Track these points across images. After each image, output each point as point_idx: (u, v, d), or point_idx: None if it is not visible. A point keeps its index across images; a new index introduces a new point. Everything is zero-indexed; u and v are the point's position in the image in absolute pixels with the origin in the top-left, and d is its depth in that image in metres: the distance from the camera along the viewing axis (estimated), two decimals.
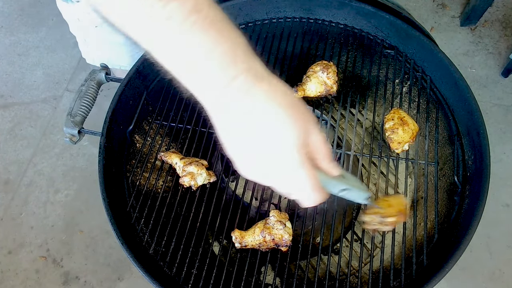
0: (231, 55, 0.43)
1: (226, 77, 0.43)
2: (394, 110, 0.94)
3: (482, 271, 1.53)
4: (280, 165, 0.47)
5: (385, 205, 0.80)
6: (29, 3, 2.32)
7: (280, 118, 0.45)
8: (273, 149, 0.46)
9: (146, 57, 0.98)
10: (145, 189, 0.90)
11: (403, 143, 0.90)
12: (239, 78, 0.43)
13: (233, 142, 0.47)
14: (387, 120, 0.93)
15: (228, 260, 0.81)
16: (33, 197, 1.76)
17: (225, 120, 0.46)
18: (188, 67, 0.43)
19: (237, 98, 0.44)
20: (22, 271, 1.62)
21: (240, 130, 0.46)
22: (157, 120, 0.99)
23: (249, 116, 0.45)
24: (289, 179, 0.49)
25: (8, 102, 2.02)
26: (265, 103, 0.45)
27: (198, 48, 0.42)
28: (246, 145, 0.47)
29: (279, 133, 0.46)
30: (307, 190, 0.51)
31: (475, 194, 0.84)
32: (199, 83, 0.44)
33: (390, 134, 0.91)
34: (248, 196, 0.91)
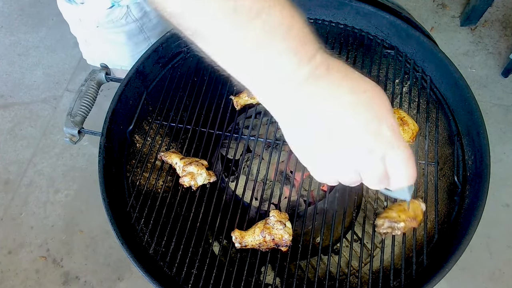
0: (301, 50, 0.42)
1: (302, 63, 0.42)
2: (394, 109, 0.94)
3: (482, 271, 1.53)
4: (383, 138, 0.45)
5: (398, 210, 0.81)
6: (29, 3, 2.32)
7: (370, 88, 0.45)
8: (375, 120, 0.44)
9: (146, 57, 0.99)
10: (145, 189, 0.90)
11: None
12: (313, 68, 0.42)
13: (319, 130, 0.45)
14: None
15: (228, 260, 0.81)
16: (33, 197, 1.76)
17: (309, 110, 0.44)
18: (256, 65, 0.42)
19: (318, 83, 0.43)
20: (22, 271, 1.62)
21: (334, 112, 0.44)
22: (157, 120, 0.99)
23: (335, 94, 0.43)
24: (391, 146, 0.45)
25: (8, 102, 2.02)
26: (347, 81, 0.44)
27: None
28: (338, 127, 0.44)
29: (376, 95, 0.45)
30: (411, 158, 0.47)
31: (475, 194, 0.84)
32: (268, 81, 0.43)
33: None
34: (248, 196, 0.91)
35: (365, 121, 0.44)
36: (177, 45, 1.04)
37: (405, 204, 0.82)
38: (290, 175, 1.04)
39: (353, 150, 0.45)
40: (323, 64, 0.43)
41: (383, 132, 0.45)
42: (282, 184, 0.91)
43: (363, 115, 0.44)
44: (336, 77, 0.44)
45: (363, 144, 0.45)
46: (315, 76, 0.42)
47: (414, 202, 0.83)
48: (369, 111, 0.44)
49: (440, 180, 0.99)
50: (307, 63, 0.42)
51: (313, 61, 0.42)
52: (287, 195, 1.01)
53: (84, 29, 1.10)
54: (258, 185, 1.03)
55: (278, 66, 0.42)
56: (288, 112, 0.45)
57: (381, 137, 0.45)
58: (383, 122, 0.45)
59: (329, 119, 0.44)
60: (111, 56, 1.15)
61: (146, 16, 1.09)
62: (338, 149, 0.46)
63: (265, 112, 1.09)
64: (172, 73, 1.05)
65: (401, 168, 0.47)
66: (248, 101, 0.96)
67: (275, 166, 0.93)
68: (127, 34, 1.09)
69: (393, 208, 0.82)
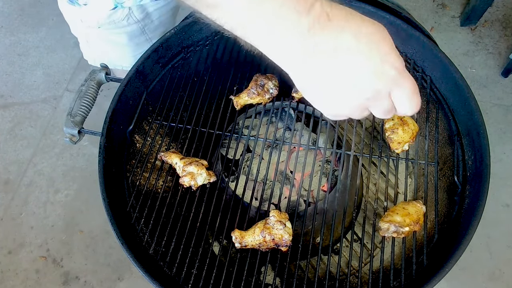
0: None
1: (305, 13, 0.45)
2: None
3: (482, 271, 1.53)
4: (387, 68, 0.48)
5: (403, 214, 0.81)
6: (29, 3, 2.32)
7: (372, 29, 0.48)
8: (377, 52, 0.47)
9: (146, 57, 0.99)
10: (145, 189, 0.90)
11: (403, 143, 0.90)
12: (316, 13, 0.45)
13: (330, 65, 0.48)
14: (387, 120, 0.93)
15: (228, 260, 0.81)
16: (33, 197, 1.76)
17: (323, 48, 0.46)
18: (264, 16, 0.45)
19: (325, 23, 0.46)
20: (22, 271, 1.62)
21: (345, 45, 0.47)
22: (157, 120, 0.99)
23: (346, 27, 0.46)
24: (395, 84, 0.49)
25: (8, 102, 2.02)
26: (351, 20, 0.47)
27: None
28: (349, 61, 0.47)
29: (378, 35, 0.48)
30: (415, 91, 0.51)
31: (475, 194, 0.84)
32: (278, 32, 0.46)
33: (390, 134, 0.91)
34: (248, 196, 0.91)
35: (369, 63, 0.47)
36: (177, 45, 1.04)
37: (408, 207, 0.83)
38: (290, 175, 1.04)
39: (361, 91, 0.49)
40: (323, 13, 0.45)
41: (387, 72, 0.48)
42: (282, 184, 0.91)
43: (367, 57, 0.47)
44: (338, 24, 0.46)
45: (369, 85, 0.48)
46: (318, 25, 0.45)
47: (415, 205, 0.84)
48: (373, 52, 0.47)
49: (440, 180, 0.99)
50: (307, 14, 0.44)
51: (312, 11, 0.45)
52: (287, 195, 1.01)
53: (85, 29, 1.10)
54: (258, 185, 1.03)
55: (281, 19, 0.45)
56: (298, 62, 0.49)
57: (385, 77, 0.48)
58: (387, 61, 0.48)
59: (336, 64, 0.47)
60: (112, 57, 1.15)
61: (148, 18, 1.09)
62: (347, 92, 0.49)
63: (265, 112, 1.09)
64: (172, 73, 1.05)
65: (405, 103, 0.51)
66: (248, 101, 0.96)
67: (275, 166, 0.93)
68: (128, 35, 1.09)
69: (397, 212, 0.82)
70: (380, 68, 0.47)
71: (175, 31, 1.02)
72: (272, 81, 0.96)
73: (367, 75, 0.48)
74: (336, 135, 0.99)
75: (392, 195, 1.14)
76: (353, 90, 0.49)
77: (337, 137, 1.01)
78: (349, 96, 0.50)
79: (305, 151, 0.94)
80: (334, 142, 1.00)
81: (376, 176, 1.21)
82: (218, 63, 1.06)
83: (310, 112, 1.06)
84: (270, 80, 0.96)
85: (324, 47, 0.46)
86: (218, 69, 1.05)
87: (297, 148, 0.95)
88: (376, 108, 0.52)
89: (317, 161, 1.07)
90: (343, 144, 0.93)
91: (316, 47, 0.46)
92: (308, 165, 0.97)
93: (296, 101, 0.97)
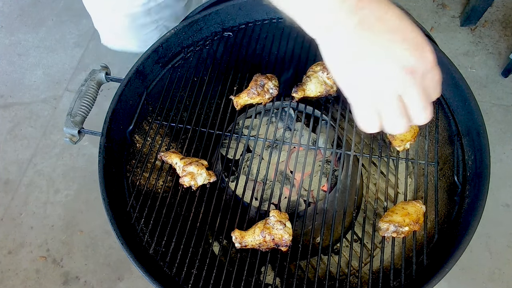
0: None
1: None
2: None
3: (482, 271, 1.53)
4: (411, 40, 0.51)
5: (402, 213, 0.81)
6: (29, 3, 2.32)
7: (397, 14, 0.51)
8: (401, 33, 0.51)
9: (146, 57, 0.99)
10: (145, 189, 0.90)
11: (406, 141, 0.90)
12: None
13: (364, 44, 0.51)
14: None
15: (228, 260, 0.81)
16: (33, 197, 1.76)
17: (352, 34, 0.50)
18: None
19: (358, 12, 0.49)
20: (22, 271, 1.61)
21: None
22: (157, 120, 0.99)
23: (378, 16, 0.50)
24: (430, 76, 0.52)
25: (8, 102, 2.01)
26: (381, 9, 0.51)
27: None
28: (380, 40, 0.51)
29: (401, 23, 0.51)
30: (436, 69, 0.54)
31: (475, 194, 0.84)
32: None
33: None
34: (248, 196, 0.91)
35: (409, 45, 0.51)
36: (177, 45, 1.04)
37: (408, 207, 0.83)
38: (290, 175, 1.04)
39: (398, 70, 0.51)
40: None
41: (425, 56, 0.52)
42: (282, 184, 0.91)
43: (409, 39, 0.51)
44: (383, 5, 0.51)
45: (408, 64, 0.51)
46: (361, 4, 0.49)
47: (415, 204, 0.84)
48: (415, 36, 0.51)
49: (440, 180, 0.99)
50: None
51: None
52: (287, 195, 1.01)
53: (111, 16, 1.13)
54: (258, 185, 1.03)
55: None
56: (338, 39, 0.51)
57: (423, 59, 0.52)
58: (425, 49, 0.52)
59: (379, 42, 0.50)
60: (123, 39, 1.17)
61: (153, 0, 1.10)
62: (384, 69, 0.51)
63: (265, 112, 1.09)
64: (172, 73, 1.05)
65: (436, 88, 0.55)
66: (248, 101, 0.96)
67: (275, 166, 0.93)
68: (132, 16, 1.11)
69: (397, 212, 0.82)
70: (421, 52, 0.51)
71: (175, 31, 1.02)
72: (272, 81, 0.96)
73: (409, 56, 0.51)
74: (336, 135, 0.99)
75: (392, 195, 1.14)
76: (391, 68, 0.51)
77: (337, 137, 1.01)
78: (385, 75, 0.51)
79: (305, 151, 0.94)
80: (334, 142, 1.00)
81: (376, 176, 1.21)
82: (218, 63, 1.06)
83: (310, 112, 1.06)
84: (270, 80, 0.96)
85: (368, 23, 0.49)
86: (218, 69, 1.05)
87: (297, 148, 0.95)
88: (410, 92, 0.52)
89: (317, 161, 1.07)
90: (343, 144, 0.93)
91: (360, 24, 0.49)
92: (308, 165, 0.97)
93: (296, 101, 0.97)
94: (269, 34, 1.07)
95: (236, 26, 1.08)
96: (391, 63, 0.51)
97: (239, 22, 1.08)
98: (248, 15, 1.08)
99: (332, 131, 1.09)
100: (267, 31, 1.07)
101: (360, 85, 0.54)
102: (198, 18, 1.03)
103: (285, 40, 1.05)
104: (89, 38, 2.16)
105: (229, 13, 1.06)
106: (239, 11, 1.06)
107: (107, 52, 2.12)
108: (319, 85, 0.95)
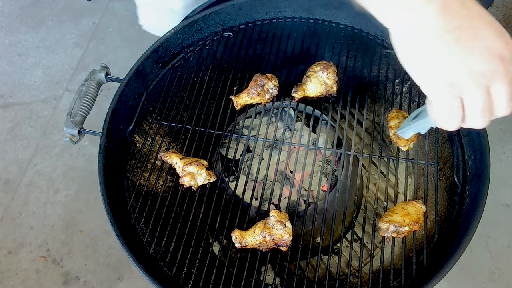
0: None
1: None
2: (395, 109, 0.94)
3: (482, 271, 1.53)
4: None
5: (402, 213, 0.81)
6: (29, 3, 2.32)
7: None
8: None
9: (146, 57, 0.99)
10: (145, 189, 0.90)
11: (410, 141, 0.90)
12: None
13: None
14: (391, 118, 0.92)
15: (228, 260, 0.81)
16: (33, 197, 1.76)
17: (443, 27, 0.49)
18: None
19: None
20: (22, 271, 1.61)
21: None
22: (157, 120, 0.99)
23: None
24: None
25: (8, 102, 2.01)
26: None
27: None
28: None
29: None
30: None
31: (475, 194, 0.84)
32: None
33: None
34: (248, 196, 0.91)
35: (495, 31, 0.50)
36: (177, 45, 1.05)
37: (408, 207, 0.83)
38: (290, 175, 1.04)
39: (488, 56, 0.49)
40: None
41: (510, 43, 0.50)
42: (282, 184, 0.91)
43: (494, 25, 0.50)
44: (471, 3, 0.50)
45: (497, 50, 0.49)
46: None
47: (415, 204, 0.84)
48: (497, 24, 0.50)
49: (440, 180, 0.99)
50: None
51: None
52: (287, 195, 1.01)
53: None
54: (258, 185, 1.03)
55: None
56: (421, 24, 0.50)
57: (508, 47, 0.50)
58: (508, 37, 0.50)
59: (466, 26, 0.49)
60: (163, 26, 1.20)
61: None
62: (473, 53, 0.49)
63: (265, 112, 1.09)
64: (172, 73, 1.05)
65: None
66: (248, 101, 0.96)
67: (275, 166, 0.93)
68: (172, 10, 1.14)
69: (397, 212, 0.82)
70: (504, 37, 0.50)
71: (175, 31, 1.02)
72: (272, 81, 0.96)
73: (496, 36, 0.49)
74: (336, 135, 0.99)
75: (392, 195, 1.14)
76: (480, 46, 0.49)
77: (337, 137, 1.01)
78: (474, 51, 0.49)
79: (305, 151, 0.94)
80: (334, 142, 1.00)
81: (376, 176, 1.21)
82: (218, 63, 1.06)
83: (310, 112, 1.06)
84: (270, 80, 0.96)
85: (454, 5, 0.49)
86: (218, 69, 1.05)
87: (297, 148, 0.95)
88: (499, 80, 0.50)
89: (317, 161, 1.07)
90: (343, 144, 0.93)
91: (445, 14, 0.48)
92: (308, 165, 0.97)
93: (296, 101, 0.97)
94: (269, 34, 1.07)
95: (236, 26, 1.08)
96: (480, 48, 0.49)
97: (239, 22, 1.08)
98: (248, 15, 1.08)
99: (332, 131, 1.09)
100: (267, 31, 1.07)
101: (445, 74, 0.51)
102: (198, 18, 1.03)
103: (285, 40, 1.05)
104: (89, 38, 2.16)
105: (229, 13, 1.06)
106: (239, 11, 1.06)
107: (107, 52, 2.12)
108: (319, 85, 0.95)
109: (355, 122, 1.05)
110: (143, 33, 1.31)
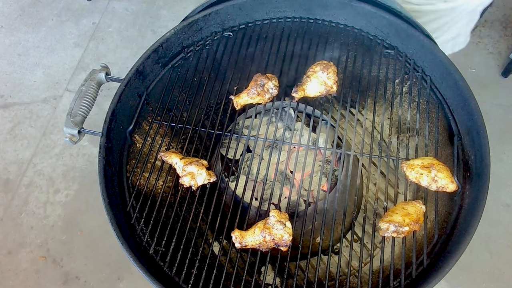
0: None
1: None
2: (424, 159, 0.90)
3: (482, 271, 1.53)
4: None
5: (402, 213, 0.81)
6: (29, 3, 2.32)
7: None
8: None
9: (146, 57, 0.99)
10: (145, 189, 0.90)
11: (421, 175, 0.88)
12: None
13: None
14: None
15: (228, 260, 0.81)
16: (33, 197, 1.76)
17: None
18: None
19: None
20: (22, 271, 1.61)
21: None
22: (157, 120, 0.99)
23: None
24: None
25: (8, 102, 2.01)
26: None
27: None
28: None
29: None
30: None
31: (475, 194, 0.84)
32: None
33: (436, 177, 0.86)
34: (248, 196, 0.91)
35: None
36: (177, 45, 1.04)
37: (408, 207, 0.83)
38: (290, 175, 1.04)
39: None
40: None
41: None
42: (282, 184, 0.91)
43: None
44: None
45: None
46: None
47: (415, 204, 0.84)
48: None
49: None
50: None
51: None
52: (287, 195, 1.01)
53: None
54: (258, 185, 1.03)
55: None
56: None
57: None
58: None
59: None
60: None
61: None
62: None
63: (265, 112, 1.09)
64: (172, 73, 1.05)
65: None
66: (248, 101, 0.96)
67: (275, 166, 0.93)
68: None
69: (397, 212, 0.82)
70: None
71: (175, 31, 1.02)
72: (272, 81, 0.96)
73: None
74: (336, 135, 0.99)
75: (392, 195, 1.14)
76: None
77: (337, 137, 1.01)
78: None
79: (305, 151, 0.94)
80: (334, 142, 1.00)
81: (376, 176, 1.21)
82: (218, 63, 1.06)
83: (310, 112, 1.06)
84: (270, 80, 0.96)
85: None
86: (218, 69, 1.05)
87: (297, 148, 0.95)
88: None
89: (317, 161, 1.07)
90: (343, 144, 0.93)
91: None
92: (308, 165, 0.97)
93: (296, 101, 0.97)
94: (269, 34, 1.07)
95: (236, 26, 1.08)
96: None
97: (239, 22, 1.08)
98: (248, 15, 1.08)
99: (332, 131, 1.09)
100: (267, 31, 1.07)
101: None
102: (198, 18, 1.03)
103: (285, 40, 1.05)
104: (89, 38, 2.16)
105: (229, 13, 1.06)
106: (239, 11, 1.06)
107: (107, 52, 2.12)
108: (319, 85, 0.95)
109: (355, 122, 1.05)
110: (143, 33, 1.31)
